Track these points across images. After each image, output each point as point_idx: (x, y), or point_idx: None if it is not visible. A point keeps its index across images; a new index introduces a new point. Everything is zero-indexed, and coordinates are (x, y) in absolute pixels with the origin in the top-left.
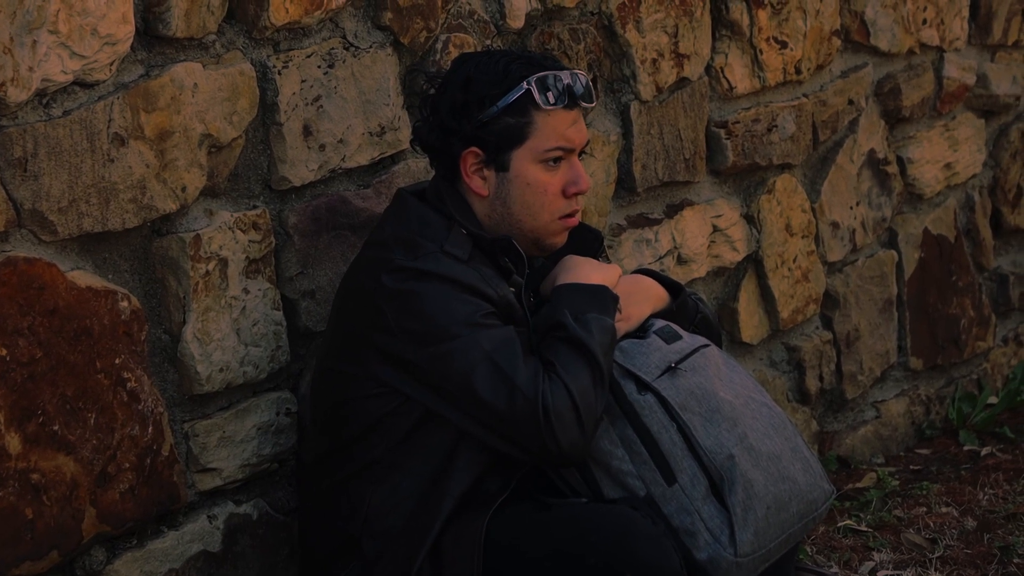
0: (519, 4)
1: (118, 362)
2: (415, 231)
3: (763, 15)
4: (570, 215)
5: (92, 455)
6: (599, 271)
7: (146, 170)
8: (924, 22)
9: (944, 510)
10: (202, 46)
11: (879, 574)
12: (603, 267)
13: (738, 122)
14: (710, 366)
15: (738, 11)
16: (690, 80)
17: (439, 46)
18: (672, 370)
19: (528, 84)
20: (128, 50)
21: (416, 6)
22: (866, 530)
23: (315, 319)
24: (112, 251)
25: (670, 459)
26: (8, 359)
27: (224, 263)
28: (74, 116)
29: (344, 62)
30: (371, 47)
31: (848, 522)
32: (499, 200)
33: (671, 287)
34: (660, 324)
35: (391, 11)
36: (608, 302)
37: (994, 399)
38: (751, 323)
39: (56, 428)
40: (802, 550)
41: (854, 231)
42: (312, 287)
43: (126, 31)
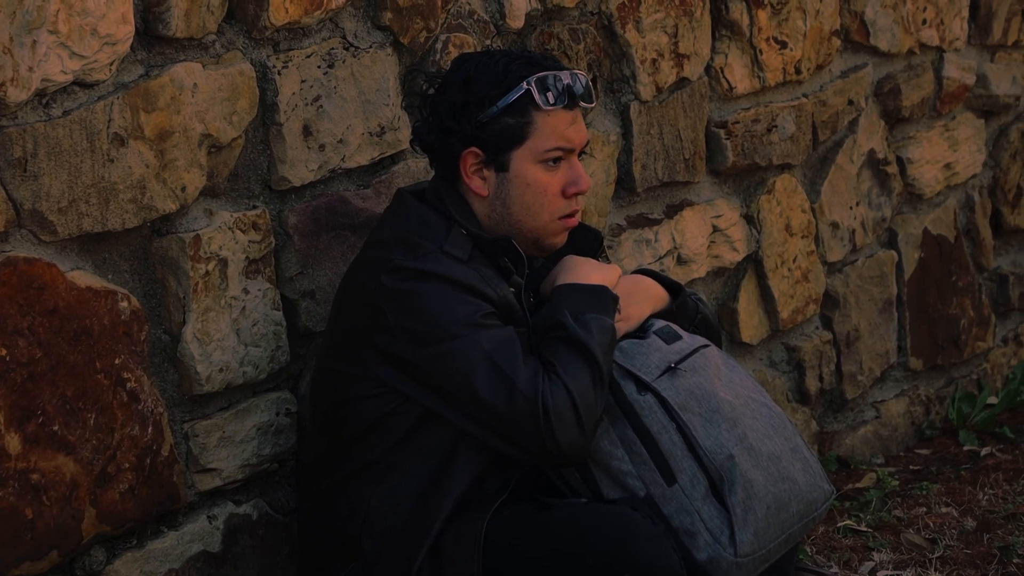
0: (519, 4)
1: (118, 362)
2: (415, 231)
3: (763, 15)
4: (570, 215)
5: (92, 455)
6: (599, 271)
7: (146, 170)
8: (924, 22)
9: (944, 510)
10: (202, 46)
11: (879, 574)
12: (603, 267)
13: (738, 122)
14: (710, 366)
15: (738, 11)
16: (690, 80)
17: (439, 46)
18: (672, 370)
19: (528, 84)
20: (128, 50)
21: (416, 6)
22: (866, 530)
23: (315, 319)
24: (112, 251)
25: (670, 459)
26: (8, 359)
27: (224, 263)
28: (74, 116)
29: (344, 62)
30: (371, 47)
31: (848, 522)
32: (499, 200)
33: (671, 287)
34: (660, 324)
35: (391, 11)
36: (608, 302)
37: (994, 399)
38: (751, 323)
39: (56, 428)
40: (802, 550)
41: (854, 231)
42: (312, 287)
43: (126, 31)
